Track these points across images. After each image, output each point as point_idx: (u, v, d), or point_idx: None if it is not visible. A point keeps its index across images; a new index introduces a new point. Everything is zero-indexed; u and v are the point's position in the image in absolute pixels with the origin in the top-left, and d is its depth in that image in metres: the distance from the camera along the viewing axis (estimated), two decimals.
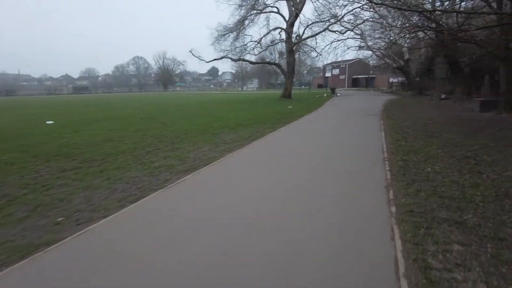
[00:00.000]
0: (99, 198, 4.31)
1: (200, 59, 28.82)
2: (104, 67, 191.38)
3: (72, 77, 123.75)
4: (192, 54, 28.49)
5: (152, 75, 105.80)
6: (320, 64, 71.46)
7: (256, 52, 27.04)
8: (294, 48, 27.57)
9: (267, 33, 26.39)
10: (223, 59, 28.24)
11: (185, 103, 27.08)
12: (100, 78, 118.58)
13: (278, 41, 26.54)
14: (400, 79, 40.83)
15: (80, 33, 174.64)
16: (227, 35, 27.26)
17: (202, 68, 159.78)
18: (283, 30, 25.98)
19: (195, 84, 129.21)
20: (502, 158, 5.80)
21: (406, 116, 12.54)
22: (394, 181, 4.63)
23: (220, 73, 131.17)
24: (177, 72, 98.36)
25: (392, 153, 6.42)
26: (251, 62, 28.01)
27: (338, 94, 32.90)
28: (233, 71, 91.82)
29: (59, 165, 6.31)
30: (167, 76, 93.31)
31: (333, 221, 3.38)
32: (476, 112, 13.62)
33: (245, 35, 26.98)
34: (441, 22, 13.17)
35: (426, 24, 13.01)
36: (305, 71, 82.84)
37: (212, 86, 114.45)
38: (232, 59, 27.57)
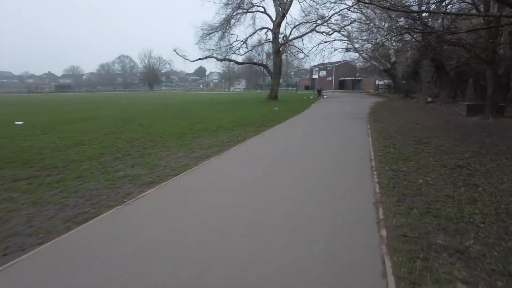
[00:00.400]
0: (44, 217, 3.68)
1: (185, 58, 28.14)
2: (89, 66, 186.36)
3: (56, 75, 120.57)
4: (177, 53, 27.81)
5: (138, 74, 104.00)
6: (307, 66, 71.60)
7: (242, 52, 26.55)
8: (280, 49, 27.15)
9: (253, 33, 25.93)
10: (208, 59, 27.57)
11: (169, 104, 26.28)
12: (84, 76, 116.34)
13: (265, 41, 26.09)
14: (386, 81, 41.03)
15: (65, 30, 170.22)
16: (212, 34, 26.62)
17: (189, 68, 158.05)
18: (269, 30, 25.53)
19: (182, 83, 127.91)
20: (496, 168, 5.42)
21: (394, 120, 12.21)
22: (383, 195, 4.16)
23: (207, 73, 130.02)
24: (163, 71, 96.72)
25: (381, 161, 5.98)
26: (237, 62, 27.44)
27: (325, 96, 32.68)
28: (221, 71, 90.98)
29: (13, 173, 5.61)
30: (153, 75, 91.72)
31: (313, 250, 2.86)
32: (463, 116, 13.44)
33: (231, 34, 26.42)
34: (428, 24, 12.92)
35: (413, 26, 12.74)
36: (292, 73, 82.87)
37: (201, 86, 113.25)
38: (217, 59, 26.93)
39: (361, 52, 34.95)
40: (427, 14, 13.73)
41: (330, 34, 25.23)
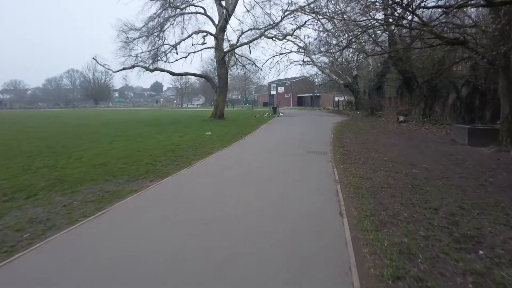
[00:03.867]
0: None
1: (106, 68, 22.51)
2: (36, 80, 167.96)
3: None
4: (96, 62, 22.11)
5: (88, 89, 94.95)
6: (263, 81, 68.52)
7: (172, 60, 21.38)
8: (226, 58, 22.53)
9: (187, 37, 20.76)
10: (136, 69, 22.17)
11: (81, 125, 20.37)
12: (29, 91, 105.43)
13: (203, 47, 21.19)
14: (346, 97, 37.94)
15: (10, 40, 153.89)
16: (141, 38, 21.33)
17: (146, 83, 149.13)
18: (209, 35, 20.74)
19: (137, 99, 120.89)
20: None
21: (372, 156, 7.72)
22: None
23: (164, 88, 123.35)
24: (110, 86, 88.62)
25: None
26: (171, 73, 22.26)
27: (281, 114, 28.46)
28: (177, 86, 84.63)
29: None
30: (99, 90, 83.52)
31: None
32: (464, 145, 9.37)
33: (159, 37, 21.08)
34: (416, 14, 8.81)
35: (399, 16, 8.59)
36: (253, 89, 79.04)
37: (160, 101, 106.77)
38: (146, 69, 21.52)
39: (319, 65, 31.52)
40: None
41: (281, 39, 21.02)
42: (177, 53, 20.43)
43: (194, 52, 20.68)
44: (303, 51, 29.31)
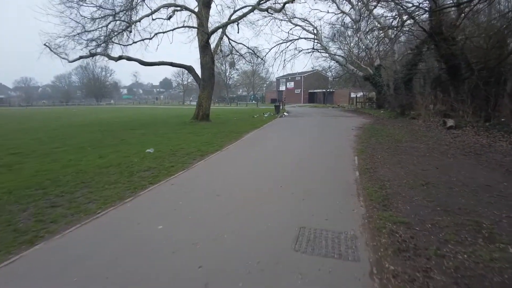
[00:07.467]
0: None
1: (62, 58, 17.71)
2: (47, 78, 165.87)
3: (8, 87, 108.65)
4: (50, 49, 17.37)
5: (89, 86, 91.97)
6: (270, 75, 63.22)
7: (130, 42, 16.34)
8: (211, 43, 17.48)
9: (152, 13, 15.20)
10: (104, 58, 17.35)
11: (17, 130, 15.80)
12: (40, 89, 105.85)
13: (175, 27, 16.12)
14: (365, 93, 32.25)
15: (17, 36, 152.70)
16: (103, 18, 16.44)
17: (156, 80, 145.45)
18: (183, 9, 15.60)
19: (146, 96, 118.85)
20: None
21: (495, 268, 2.55)
22: None
23: (174, 84, 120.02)
24: (112, 81, 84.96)
25: None
26: (141, 63, 17.15)
27: (285, 113, 23.19)
28: (180, 82, 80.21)
29: None
30: (99, 86, 79.86)
31: None
32: None
33: (130, 16, 16.09)
34: None
35: None
36: (263, 84, 73.78)
37: (160, 98, 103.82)
38: (109, 57, 16.72)
39: (332, 53, 26.12)
40: None
41: (279, 10, 15.74)
42: (130, 31, 15.36)
43: (164, 33, 15.57)
44: (313, 38, 24.06)
